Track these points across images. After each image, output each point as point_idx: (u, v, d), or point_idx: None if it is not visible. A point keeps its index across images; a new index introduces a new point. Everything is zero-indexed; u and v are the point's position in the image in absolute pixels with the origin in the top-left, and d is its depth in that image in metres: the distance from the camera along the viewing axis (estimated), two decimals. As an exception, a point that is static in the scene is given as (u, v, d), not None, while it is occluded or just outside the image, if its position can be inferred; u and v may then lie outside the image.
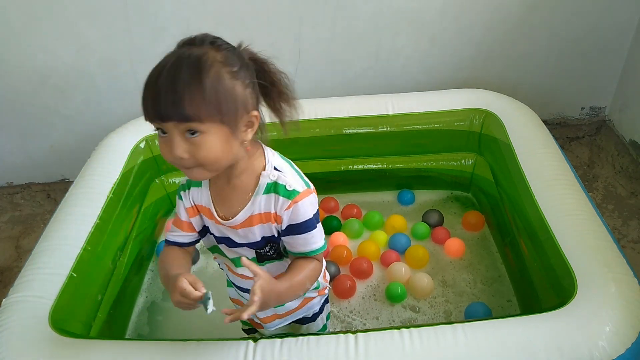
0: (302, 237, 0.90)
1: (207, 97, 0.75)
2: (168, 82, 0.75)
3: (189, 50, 0.79)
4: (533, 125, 1.57)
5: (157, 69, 0.78)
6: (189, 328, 1.48)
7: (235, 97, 0.79)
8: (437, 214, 1.73)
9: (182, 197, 0.96)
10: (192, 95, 0.75)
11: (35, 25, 1.69)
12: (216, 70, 0.77)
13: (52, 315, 1.12)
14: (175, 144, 0.77)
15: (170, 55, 0.80)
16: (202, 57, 0.77)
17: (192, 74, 0.75)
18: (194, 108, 0.75)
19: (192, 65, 0.76)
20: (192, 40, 0.82)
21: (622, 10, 1.81)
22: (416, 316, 1.45)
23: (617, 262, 1.12)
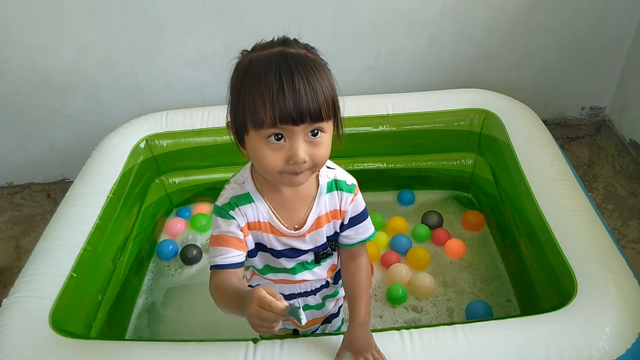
0: (362, 225, 0.94)
1: (333, 93, 0.76)
2: (305, 82, 0.72)
3: (292, 51, 0.77)
4: (533, 125, 1.57)
5: (275, 70, 0.73)
6: (189, 328, 1.48)
7: (337, 93, 0.79)
8: (436, 215, 1.73)
9: (233, 217, 0.88)
10: (325, 94, 0.74)
11: (35, 25, 1.69)
12: (326, 71, 0.78)
13: (53, 315, 1.12)
14: (300, 147, 0.75)
15: (273, 57, 0.75)
16: (311, 58, 0.77)
17: (319, 74, 0.75)
18: (326, 107, 0.74)
19: (314, 65, 0.75)
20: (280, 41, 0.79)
21: (622, 10, 1.81)
22: (419, 316, 1.45)
23: (617, 262, 1.12)
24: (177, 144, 1.72)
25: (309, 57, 0.76)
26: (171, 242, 1.72)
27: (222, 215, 0.88)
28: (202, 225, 1.78)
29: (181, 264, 1.67)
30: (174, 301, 1.57)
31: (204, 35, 1.76)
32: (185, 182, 1.82)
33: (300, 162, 0.75)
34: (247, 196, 0.88)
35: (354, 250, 0.97)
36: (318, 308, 1.08)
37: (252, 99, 0.74)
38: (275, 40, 0.79)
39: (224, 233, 0.88)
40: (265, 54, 0.76)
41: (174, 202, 1.86)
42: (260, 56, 0.76)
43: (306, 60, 0.75)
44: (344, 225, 0.94)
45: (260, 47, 0.79)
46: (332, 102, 0.76)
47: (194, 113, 1.73)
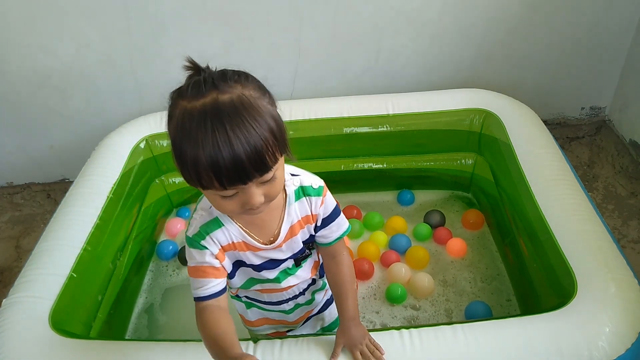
0: (335, 223, 0.94)
1: (275, 138, 0.71)
2: (244, 142, 0.68)
3: (223, 98, 0.70)
4: (533, 125, 1.57)
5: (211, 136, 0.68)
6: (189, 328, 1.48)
7: (281, 122, 0.75)
8: (438, 214, 1.73)
9: (205, 246, 0.87)
10: (267, 144, 0.70)
11: (35, 25, 1.69)
12: (263, 107, 0.72)
13: (52, 315, 1.12)
14: (255, 195, 0.74)
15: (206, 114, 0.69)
16: (246, 102, 0.70)
17: (257, 124, 0.69)
18: (271, 157, 0.71)
19: (249, 114, 0.69)
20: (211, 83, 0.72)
21: (622, 10, 1.81)
22: (417, 314, 1.45)
23: (617, 262, 1.12)
24: (177, 144, 1.72)
25: (243, 103, 0.70)
26: (171, 243, 1.72)
27: (194, 247, 0.87)
28: (202, 225, 1.78)
29: (179, 265, 1.67)
30: (174, 301, 1.57)
31: (204, 35, 1.76)
32: (185, 182, 1.81)
33: (257, 206, 0.75)
34: (215, 221, 0.87)
35: (333, 248, 0.97)
36: (308, 304, 1.09)
37: (195, 168, 0.70)
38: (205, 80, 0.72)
39: (200, 264, 0.87)
40: (197, 109, 0.69)
41: (174, 202, 1.86)
42: (193, 112, 0.70)
43: (241, 111, 0.69)
44: (318, 227, 0.94)
45: (190, 92, 0.71)
46: (275, 144, 0.72)
47: (194, 113, 1.72)
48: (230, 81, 0.72)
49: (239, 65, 2.08)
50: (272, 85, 2.13)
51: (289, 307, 1.05)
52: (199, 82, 0.71)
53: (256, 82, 0.78)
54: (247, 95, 0.71)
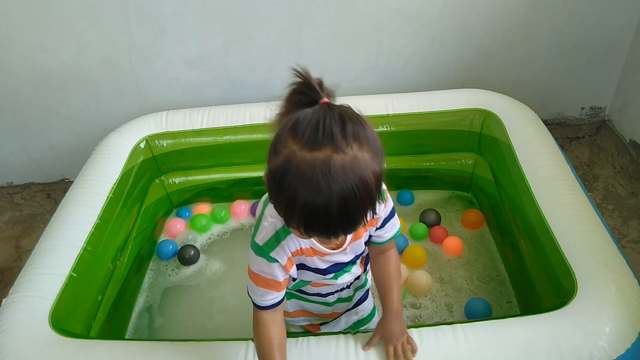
0: (389, 223, 0.95)
1: (372, 207, 0.72)
2: (344, 218, 0.69)
3: (337, 158, 0.67)
4: (533, 126, 1.57)
5: (317, 201, 0.67)
6: (189, 328, 1.48)
7: (381, 184, 0.73)
8: (434, 213, 1.73)
9: (275, 259, 0.87)
10: (364, 215, 0.71)
11: (35, 25, 1.69)
12: (373, 172, 0.70)
13: (52, 315, 1.12)
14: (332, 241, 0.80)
15: (317, 173, 0.67)
16: (359, 167, 0.68)
17: (359, 194, 0.68)
18: (364, 222, 0.73)
19: (358, 184, 0.68)
20: (330, 135, 0.68)
21: (622, 10, 1.81)
22: (419, 312, 1.45)
23: (617, 262, 1.12)
24: (177, 144, 1.72)
25: (354, 168, 0.67)
26: (171, 242, 1.72)
27: (262, 256, 0.87)
28: (202, 226, 1.78)
29: (179, 264, 1.67)
30: (173, 301, 1.57)
31: (204, 35, 1.76)
32: (185, 182, 1.82)
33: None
34: (285, 229, 0.86)
35: (384, 246, 0.98)
36: (349, 300, 1.10)
37: (291, 219, 0.71)
38: (324, 130, 0.68)
39: (265, 275, 0.88)
40: (308, 161, 0.67)
41: (174, 203, 1.86)
42: (303, 165, 0.67)
43: (350, 177, 0.67)
44: (378, 227, 0.95)
45: (306, 139, 0.68)
46: (372, 211, 0.72)
47: (194, 113, 1.73)
48: (349, 137, 0.68)
49: (238, 65, 2.09)
50: (272, 86, 2.15)
51: (333, 299, 1.06)
52: (317, 129, 0.68)
53: (372, 137, 0.73)
54: (360, 159, 0.68)
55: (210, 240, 1.77)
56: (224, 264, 1.67)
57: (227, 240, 1.76)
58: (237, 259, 1.68)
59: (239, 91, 1.90)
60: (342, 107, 0.73)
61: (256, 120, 1.70)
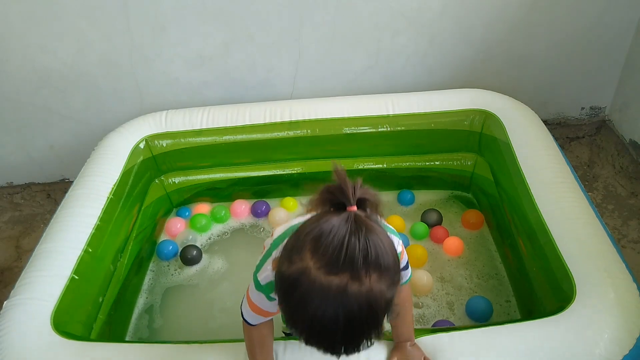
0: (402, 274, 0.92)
1: (378, 334, 0.70)
2: (346, 336, 0.68)
3: (353, 288, 0.66)
4: (533, 126, 1.57)
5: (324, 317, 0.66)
6: (189, 329, 1.48)
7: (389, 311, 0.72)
8: (435, 213, 1.73)
9: (274, 298, 0.85)
10: (368, 341, 0.70)
11: (35, 25, 1.69)
12: (386, 302, 0.69)
13: (54, 317, 1.12)
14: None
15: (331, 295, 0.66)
16: (372, 300, 0.67)
17: (367, 328, 0.68)
18: (366, 346, 0.71)
19: (366, 319, 0.67)
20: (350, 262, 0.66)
21: (622, 10, 1.80)
22: (422, 311, 1.45)
23: (616, 267, 1.12)
24: (176, 144, 1.72)
25: (369, 301, 0.66)
26: (171, 242, 1.72)
27: (262, 292, 0.87)
28: (201, 226, 1.78)
29: (181, 264, 1.67)
30: (174, 301, 1.57)
31: (204, 35, 1.76)
32: (185, 181, 1.82)
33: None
34: None
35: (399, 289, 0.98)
36: None
37: (295, 323, 0.71)
38: (345, 256, 0.66)
39: (262, 307, 0.89)
40: (323, 283, 0.66)
41: (174, 202, 1.86)
42: (316, 283, 0.66)
43: (362, 310, 0.66)
44: None
45: (325, 260, 0.66)
46: (377, 337, 0.71)
47: (194, 113, 1.73)
48: (370, 268, 0.66)
49: (238, 65, 2.08)
50: (272, 86, 2.15)
51: None
52: (339, 253, 0.66)
53: (393, 265, 0.71)
54: (375, 291, 0.67)
55: (211, 240, 1.77)
56: (225, 264, 1.67)
57: (227, 240, 1.76)
58: (237, 259, 1.69)
59: (239, 91, 1.90)
60: (369, 225, 0.69)
61: (256, 120, 1.70)
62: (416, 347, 0.99)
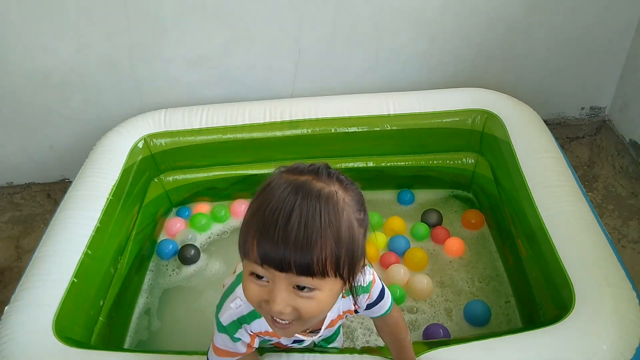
0: (377, 306, 0.91)
1: (338, 251, 0.65)
2: (301, 227, 0.62)
3: (316, 184, 0.66)
4: (534, 125, 1.57)
5: (279, 203, 0.64)
6: (190, 329, 1.48)
7: (359, 248, 0.69)
8: (436, 213, 1.73)
9: (239, 338, 0.83)
10: (324, 247, 0.63)
11: (35, 25, 1.69)
12: (348, 216, 0.67)
13: (56, 323, 1.11)
14: (280, 297, 0.65)
15: (291, 186, 0.66)
16: (333, 198, 0.66)
17: (327, 220, 0.64)
18: (321, 264, 0.64)
19: (327, 207, 0.64)
20: (314, 169, 0.69)
21: (622, 10, 1.80)
22: (415, 317, 1.45)
23: (616, 274, 1.11)
24: (175, 142, 1.72)
25: (329, 197, 0.65)
26: (171, 242, 1.72)
27: (225, 333, 0.84)
28: (201, 225, 1.78)
29: (179, 264, 1.67)
30: (174, 302, 1.57)
31: (204, 35, 1.76)
32: (184, 180, 1.82)
33: (276, 313, 0.67)
34: (254, 313, 0.81)
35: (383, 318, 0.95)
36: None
37: (248, 226, 0.67)
38: (313, 165, 0.70)
39: (228, 349, 0.86)
40: (288, 180, 0.67)
41: (173, 201, 1.86)
42: (282, 181, 0.67)
43: (321, 201, 0.64)
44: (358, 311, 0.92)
45: (293, 169, 0.70)
46: (334, 260, 0.64)
47: (193, 112, 1.73)
48: (333, 178, 0.69)
49: (238, 65, 2.09)
50: (272, 85, 2.16)
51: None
52: (307, 165, 0.70)
53: (360, 198, 0.72)
54: (339, 196, 0.67)
55: (210, 239, 1.77)
56: (224, 264, 1.67)
57: (227, 240, 1.76)
58: (237, 259, 1.67)
59: (239, 91, 1.90)
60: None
61: (255, 119, 1.70)
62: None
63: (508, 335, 1.05)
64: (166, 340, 1.46)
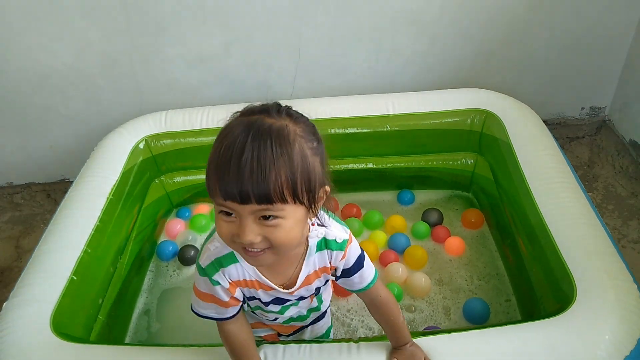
0: (357, 275, 0.92)
1: (293, 177, 0.69)
2: (254, 160, 0.67)
3: (266, 120, 0.71)
4: (534, 126, 1.57)
5: (232, 141, 0.69)
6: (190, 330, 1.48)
7: (315, 175, 0.73)
8: (436, 212, 1.73)
9: (217, 281, 0.86)
10: (279, 175, 0.68)
11: (35, 25, 1.69)
12: (300, 145, 0.71)
13: (54, 319, 1.12)
14: (248, 228, 0.70)
15: (243, 125, 0.70)
16: (284, 130, 0.70)
17: (279, 151, 0.68)
18: (278, 191, 0.68)
19: (277, 140, 0.69)
20: (265, 108, 0.74)
21: (622, 10, 1.81)
22: (413, 316, 1.45)
23: (616, 268, 1.11)
24: (176, 143, 1.72)
25: (279, 131, 0.70)
26: (171, 243, 1.72)
27: (205, 276, 0.86)
28: (202, 226, 1.78)
29: (180, 265, 1.67)
30: (174, 302, 1.57)
31: (204, 35, 1.76)
32: (185, 181, 1.82)
33: (247, 243, 0.71)
34: (230, 256, 0.85)
35: (364, 294, 0.96)
36: (302, 320, 1.08)
37: (209, 168, 0.71)
38: (263, 105, 0.75)
39: (211, 293, 0.88)
40: (240, 121, 0.72)
41: (174, 202, 1.86)
42: (235, 122, 0.72)
43: (271, 134, 0.69)
44: (337, 276, 0.93)
45: (246, 111, 0.75)
46: (291, 185, 0.69)
47: (194, 113, 1.73)
48: (281, 114, 0.73)
49: (238, 65, 2.09)
50: (272, 86, 2.15)
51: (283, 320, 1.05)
52: (257, 106, 0.75)
53: (312, 129, 0.77)
54: (290, 129, 0.71)
55: (210, 240, 1.77)
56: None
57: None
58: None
59: (239, 91, 1.90)
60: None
61: (256, 120, 1.69)
62: (415, 346, 0.98)
63: (508, 325, 1.05)
64: (166, 340, 1.46)
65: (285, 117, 0.73)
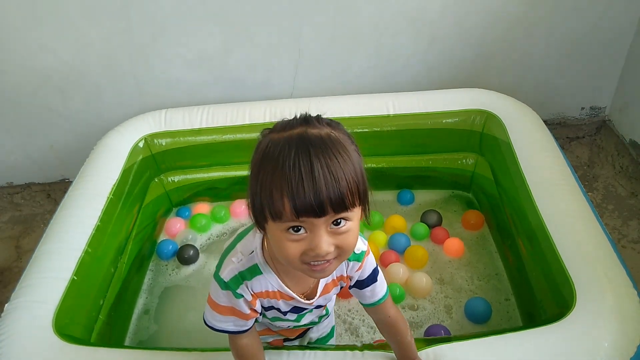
0: (368, 289, 0.92)
1: (357, 180, 0.70)
2: (325, 171, 0.66)
3: (312, 131, 0.70)
4: (534, 126, 1.57)
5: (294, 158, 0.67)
6: (189, 330, 1.48)
7: (365, 175, 0.74)
8: (435, 214, 1.73)
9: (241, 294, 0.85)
10: (348, 181, 0.68)
11: (35, 25, 1.69)
12: (351, 150, 0.72)
13: (56, 320, 1.11)
14: (323, 239, 0.69)
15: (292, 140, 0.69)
16: (335, 138, 0.70)
17: (342, 158, 0.68)
18: (350, 196, 0.68)
19: (335, 148, 0.68)
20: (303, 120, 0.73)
21: (622, 10, 1.81)
22: (415, 314, 1.45)
23: (616, 272, 1.11)
24: (176, 142, 1.72)
25: (331, 139, 0.69)
26: (171, 242, 1.72)
27: (228, 289, 0.85)
28: (201, 225, 1.78)
29: (178, 264, 1.67)
30: (174, 301, 1.57)
31: (204, 35, 1.76)
32: (184, 180, 1.82)
33: (323, 255, 0.71)
34: (255, 268, 0.84)
35: (373, 309, 0.96)
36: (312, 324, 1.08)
37: (269, 190, 0.68)
38: (297, 118, 0.73)
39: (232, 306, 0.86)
40: (285, 137, 0.70)
41: (174, 202, 1.86)
42: (279, 139, 0.70)
43: (328, 144, 0.68)
44: (351, 285, 0.93)
45: (280, 127, 0.73)
46: (357, 188, 0.70)
47: (193, 112, 1.73)
48: (321, 123, 0.73)
49: (238, 65, 2.09)
50: (272, 85, 2.15)
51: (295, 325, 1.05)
52: (290, 120, 0.73)
53: (346, 131, 0.76)
54: (337, 135, 0.71)
55: (210, 240, 1.77)
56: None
57: (226, 240, 1.76)
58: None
59: (239, 91, 1.90)
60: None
61: (256, 119, 1.70)
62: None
63: (510, 332, 1.05)
64: (165, 339, 1.46)
65: (325, 126, 0.72)
